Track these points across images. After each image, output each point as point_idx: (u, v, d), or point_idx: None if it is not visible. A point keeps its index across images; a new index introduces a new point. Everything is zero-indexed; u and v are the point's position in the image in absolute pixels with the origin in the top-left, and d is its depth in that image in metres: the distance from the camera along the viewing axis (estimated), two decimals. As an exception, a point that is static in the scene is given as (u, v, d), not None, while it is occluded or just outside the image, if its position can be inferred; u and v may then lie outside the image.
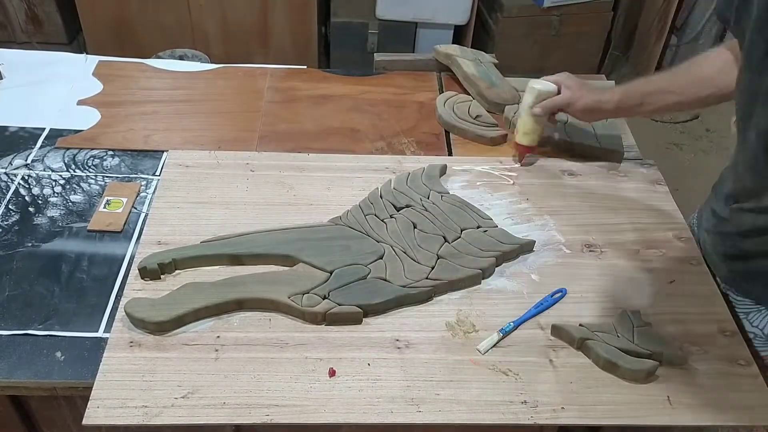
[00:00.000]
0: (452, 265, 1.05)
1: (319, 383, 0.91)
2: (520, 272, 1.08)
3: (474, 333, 0.99)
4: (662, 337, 0.97)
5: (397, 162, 1.27)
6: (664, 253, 1.12)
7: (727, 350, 0.98)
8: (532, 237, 1.12)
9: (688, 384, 0.94)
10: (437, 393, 0.91)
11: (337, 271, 1.03)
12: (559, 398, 0.91)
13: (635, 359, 0.93)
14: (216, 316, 0.98)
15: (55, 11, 2.68)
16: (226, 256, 1.05)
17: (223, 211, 1.14)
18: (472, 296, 1.04)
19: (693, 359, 0.97)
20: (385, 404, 0.89)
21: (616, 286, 1.06)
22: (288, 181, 1.21)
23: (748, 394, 0.93)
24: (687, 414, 0.90)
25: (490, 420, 0.89)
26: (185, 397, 0.88)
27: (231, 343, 0.95)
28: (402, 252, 1.07)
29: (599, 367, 0.94)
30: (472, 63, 1.34)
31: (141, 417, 0.86)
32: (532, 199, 1.20)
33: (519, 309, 1.02)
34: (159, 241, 1.08)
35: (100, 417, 0.86)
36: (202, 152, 1.26)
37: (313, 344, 0.96)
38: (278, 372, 0.92)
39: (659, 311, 1.03)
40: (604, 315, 1.02)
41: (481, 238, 1.10)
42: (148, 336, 0.95)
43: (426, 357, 0.95)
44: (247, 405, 0.88)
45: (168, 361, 0.92)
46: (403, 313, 1.01)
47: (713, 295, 1.06)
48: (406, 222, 1.12)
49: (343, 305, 0.98)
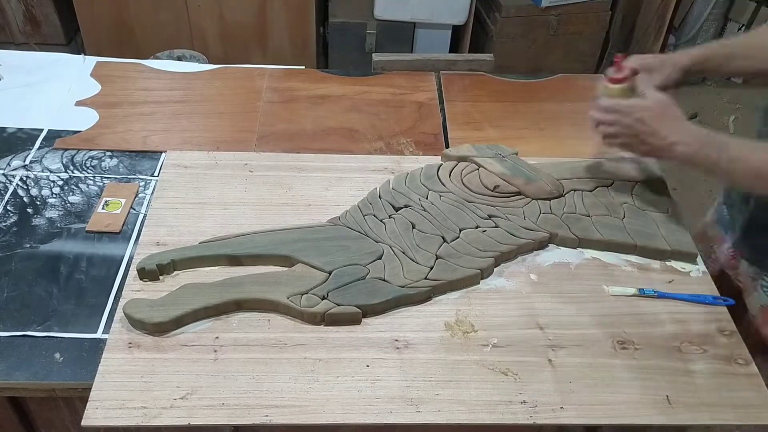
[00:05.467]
0: (451, 266, 1.05)
1: (318, 383, 0.91)
2: (519, 272, 1.08)
3: (473, 333, 0.99)
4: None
5: (395, 162, 1.27)
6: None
7: (726, 349, 0.99)
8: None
9: (686, 383, 0.94)
10: (437, 393, 0.91)
11: (336, 271, 1.03)
12: (558, 398, 0.91)
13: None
14: (215, 316, 0.98)
15: (53, 12, 2.67)
16: (224, 256, 1.05)
17: (222, 211, 1.14)
18: (471, 296, 1.04)
19: (692, 358, 0.97)
20: (384, 404, 0.89)
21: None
22: (286, 181, 1.21)
23: (747, 393, 0.94)
24: (686, 413, 0.91)
25: (489, 420, 0.89)
26: (184, 398, 0.88)
27: (230, 344, 0.95)
28: (401, 252, 1.07)
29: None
30: (494, 160, 1.22)
31: (140, 418, 0.86)
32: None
33: (518, 308, 1.02)
34: (157, 242, 1.08)
35: (99, 418, 0.86)
36: (200, 153, 1.26)
37: (312, 345, 0.96)
38: (277, 373, 0.92)
39: (659, 310, 1.03)
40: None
41: (479, 238, 1.10)
42: (146, 337, 0.95)
43: (425, 357, 0.95)
44: (246, 406, 0.88)
45: (167, 362, 0.92)
46: (402, 314, 1.01)
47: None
48: (405, 222, 1.12)
49: (342, 305, 0.98)
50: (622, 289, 1.05)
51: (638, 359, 0.96)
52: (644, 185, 1.21)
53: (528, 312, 1.02)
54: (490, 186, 1.19)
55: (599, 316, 1.02)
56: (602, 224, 1.13)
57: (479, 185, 1.19)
